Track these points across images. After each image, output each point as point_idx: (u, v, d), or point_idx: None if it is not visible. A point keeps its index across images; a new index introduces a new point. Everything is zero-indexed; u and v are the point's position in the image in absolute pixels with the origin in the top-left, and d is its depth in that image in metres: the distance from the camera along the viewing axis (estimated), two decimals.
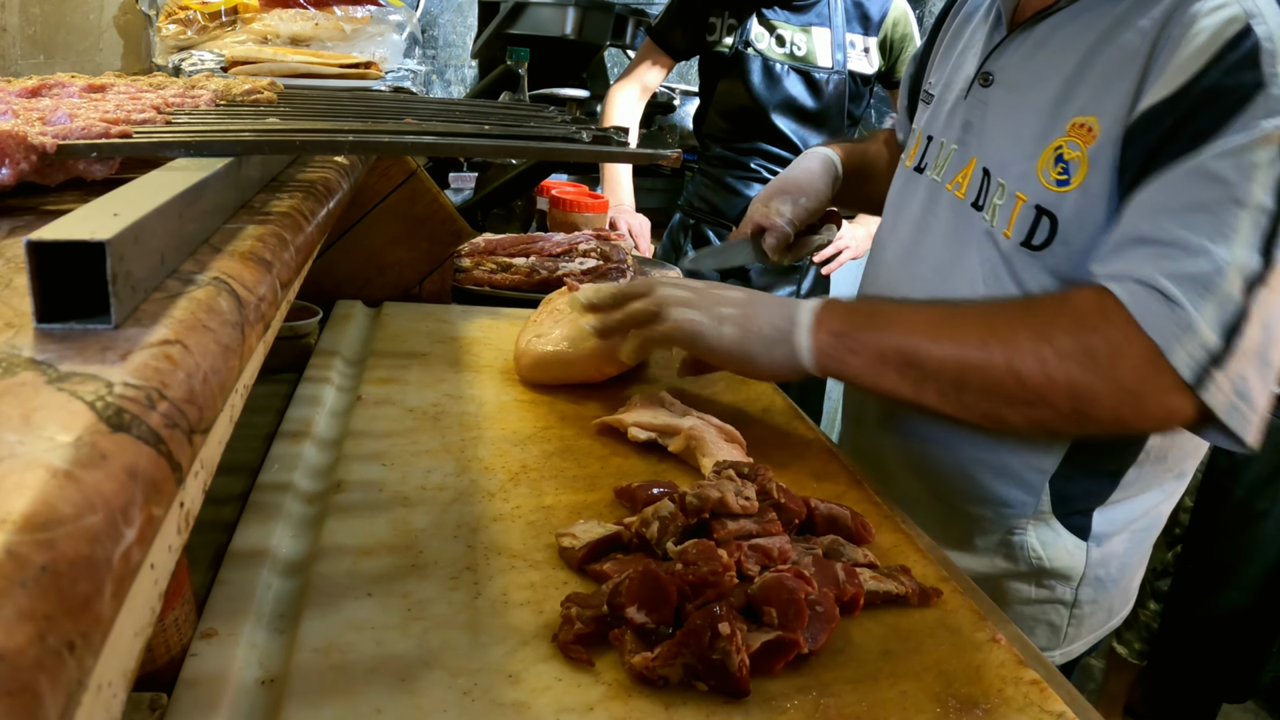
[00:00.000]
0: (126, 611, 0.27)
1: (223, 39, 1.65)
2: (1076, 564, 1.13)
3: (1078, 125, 0.98)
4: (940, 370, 0.91)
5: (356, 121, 0.78)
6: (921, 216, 1.19)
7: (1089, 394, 0.87)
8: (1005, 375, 0.88)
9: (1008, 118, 1.09)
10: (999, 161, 1.07)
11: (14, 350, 0.33)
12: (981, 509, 1.14)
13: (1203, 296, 0.84)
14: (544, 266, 1.66)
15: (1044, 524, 1.12)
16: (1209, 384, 0.85)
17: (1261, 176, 0.86)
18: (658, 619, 0.67)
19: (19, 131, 0.51)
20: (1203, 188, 0.87)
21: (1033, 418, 0.91)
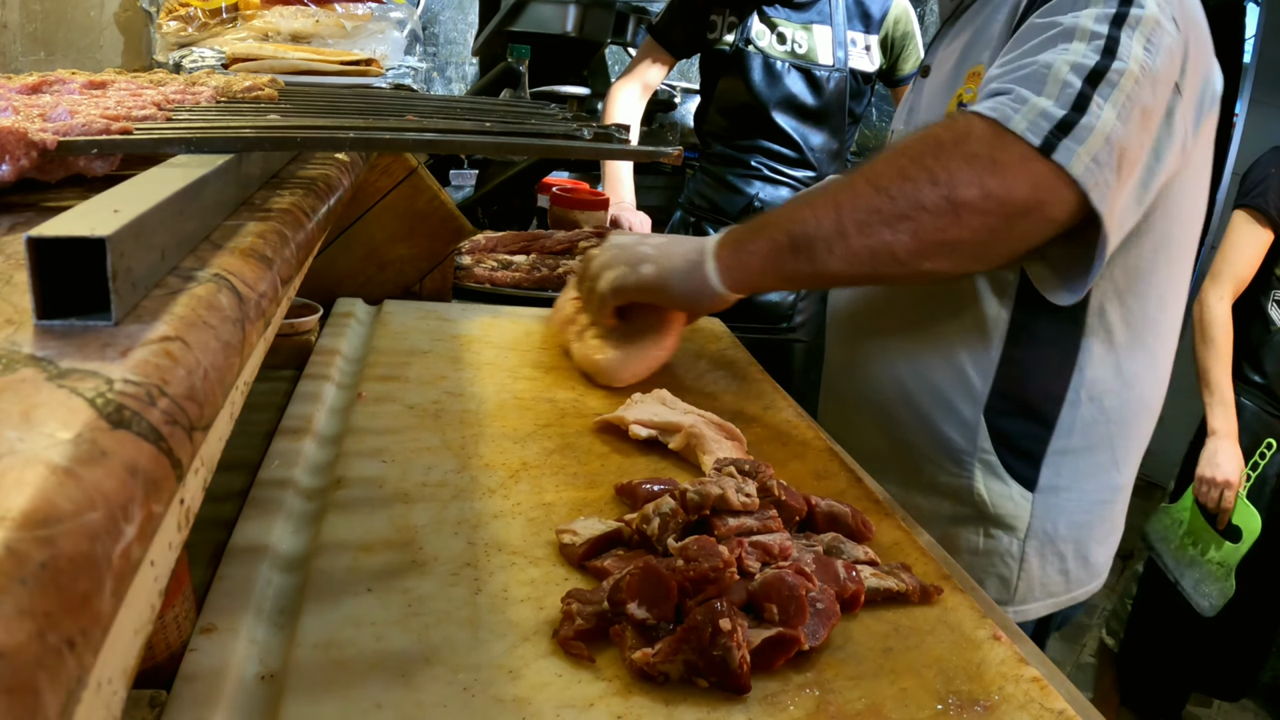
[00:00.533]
0: (126, 609, 0.27)
1: (223, 36, 1.65)
2: (1021, 514, 1.21)
3: (972, 74, 1.16)
4: (820, 228, 0.99)
5: (357, 118, 0.77)
6: None
7: (947, 176, 0.94)
8: (872, 195, 0.96)
9: (933, 95, 1.27)
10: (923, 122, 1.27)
11: (14, 347, 0.33)
12: (926, 441, 1.24)
13: (1039, 84, 0.96)
14: (544, 264, 1.66)
15: (990, 471, 1.20)
16: (1059, 147, 0.93)
17: (1091, 12, 0.99)
18: (658, 615, 0.67)
19: (19, 128, 0.51)
20: (1035, 33, 1.02)
21: (915, 231, 0.97)
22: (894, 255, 0.98)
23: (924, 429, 1.23)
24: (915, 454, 1.25)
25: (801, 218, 1.00)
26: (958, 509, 1.23)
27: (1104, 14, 0.99)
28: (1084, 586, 1.28)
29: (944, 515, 1.24)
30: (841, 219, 0.97)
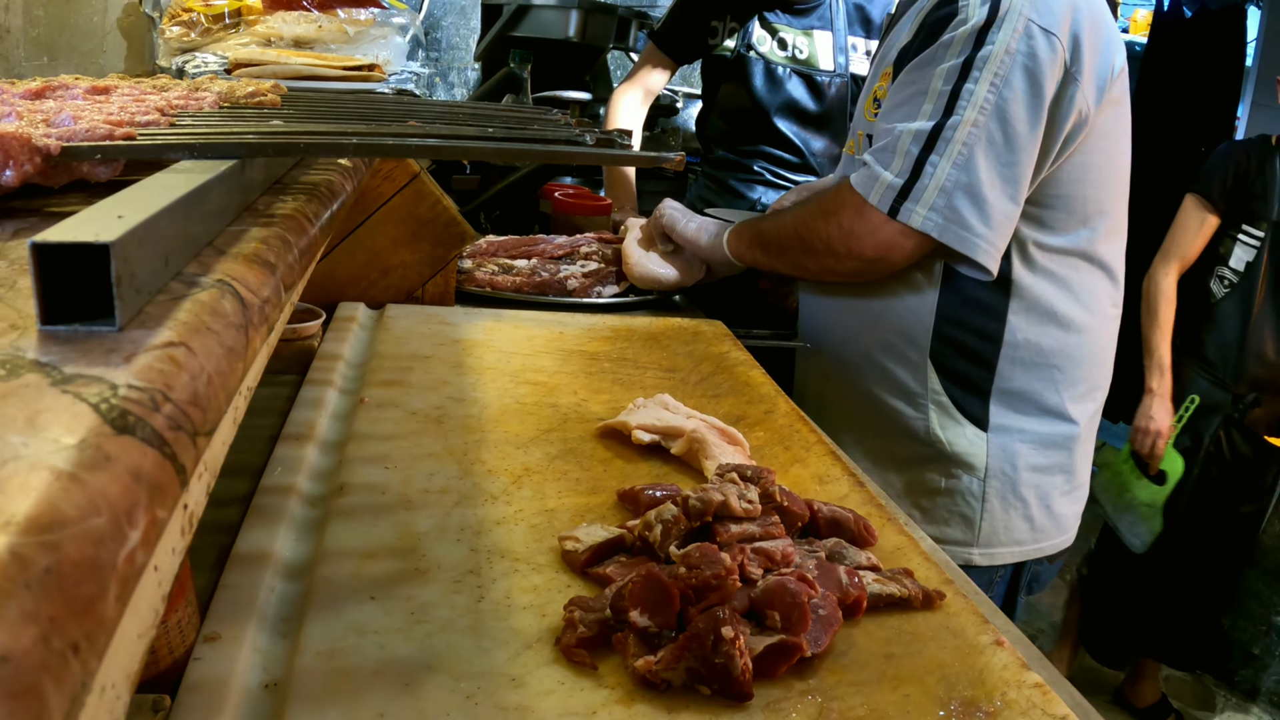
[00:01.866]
0: (130, 614, 0.27)
1: (226, 41, 1.65)
2: (977, 452, 1.37)
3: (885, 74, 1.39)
4: (767, 240, 1.45)
5: (360, 124, 0.78)
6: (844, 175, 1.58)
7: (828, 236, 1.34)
8: (793, 236, 1.40)
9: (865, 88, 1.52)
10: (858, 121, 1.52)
11: (18, 352, 0.33)
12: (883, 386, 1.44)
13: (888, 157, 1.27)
14: (546, 269, 1.66)
15: (944, 411, 1.39)
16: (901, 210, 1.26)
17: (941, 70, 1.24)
18: (661, 623, 0.67)
19: (23, 133, 0.51)
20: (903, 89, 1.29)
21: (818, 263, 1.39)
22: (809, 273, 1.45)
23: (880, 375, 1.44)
24: (876, 400, 1.44)
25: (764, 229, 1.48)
26: (918, 449, 1.40)
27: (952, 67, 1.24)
28: (1051, 539, 1.41)
29: (908, 456, 1.41)
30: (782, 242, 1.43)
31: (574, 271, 1.66)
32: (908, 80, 1.28)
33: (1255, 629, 2.83)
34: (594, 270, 1.67)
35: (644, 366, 1.31)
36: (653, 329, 1.49)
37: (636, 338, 1.43)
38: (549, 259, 1.69)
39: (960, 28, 1.24)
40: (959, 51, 1.24)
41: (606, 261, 1.70)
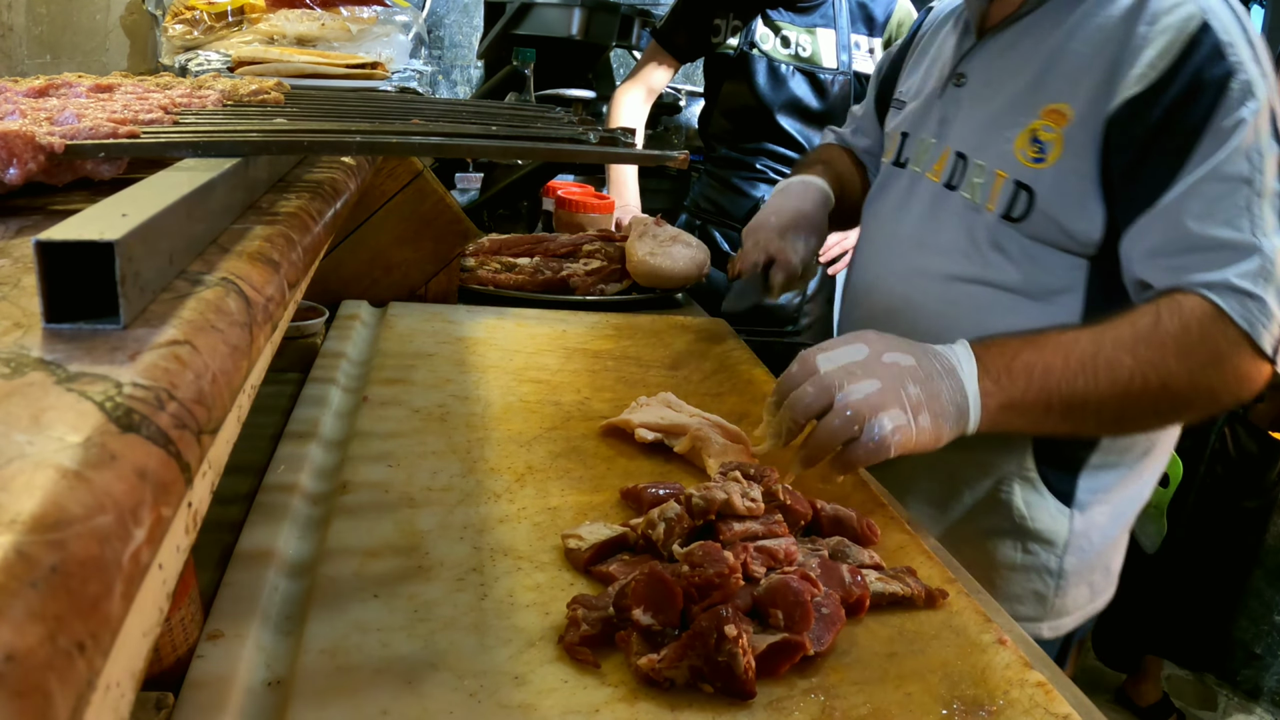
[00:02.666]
0: (135, 612, 0.27)
1: (229, 39, 1.65)
2: (1060, 529, 1.20)
3: (1051, 111, 1.11)
4: (1102, 406, 1.00)
5: (364, 122, 0.77)
6: (901, 200, 1.31)
7: (1221, 387, 1.01)
8: (1161, 394, 0.99)
9: (981, 110, 1.21)
10: (974, 145, 1.20)
11: (23, 350, 0.33)
12: (973, 469, 1.21)
13: (1267, 284, 0.99)
14: (548, 267, 1.66)
15: (1030, 485, 1.19)
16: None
17: (1267, 165, 1.01)
18: (664, 621, 0.67)
19: (27, 131, 0.51)
20: (1229, 190, 1.00)
21: (1177, 418, 1.14)
22: (1147, 430, 1.17)
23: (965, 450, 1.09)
24: (952, 473, 1.21)
25: (1085, 394, 0.99)
26: (995, 522, 1.21)
27: (1271, 156, 1.01)
28: (1104, 595, 1.28)
29: (980, 529, 1.21)
30: (1126, 407, 1.01)
31: (577, 269, 1.66)
32: (1221, 175, 1.01)
33: (1257, 628, 2.83)
34: (597, 268, 1.67)
35: (647, 364, 1.31)
36: (656, 327, 1.49)
37: (639, 336, 1.43)
38: (552, 257, 1.69)
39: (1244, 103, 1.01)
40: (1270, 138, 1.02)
41: (609, 259, 1.70)
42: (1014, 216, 1.13)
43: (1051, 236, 1.11)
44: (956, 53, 1.29)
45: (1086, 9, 1.11)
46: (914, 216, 1.27)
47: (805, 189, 1.46)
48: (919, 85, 1.37)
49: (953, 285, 1.19)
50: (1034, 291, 1.13)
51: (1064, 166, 1.09)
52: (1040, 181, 1.10)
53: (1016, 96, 1.15)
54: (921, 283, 1.23)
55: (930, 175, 1.26)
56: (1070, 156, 1.09)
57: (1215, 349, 0.99)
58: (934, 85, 1.32)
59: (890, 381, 0.93)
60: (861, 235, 1.44)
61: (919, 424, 0.93)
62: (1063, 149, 1.09)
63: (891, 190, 1.35)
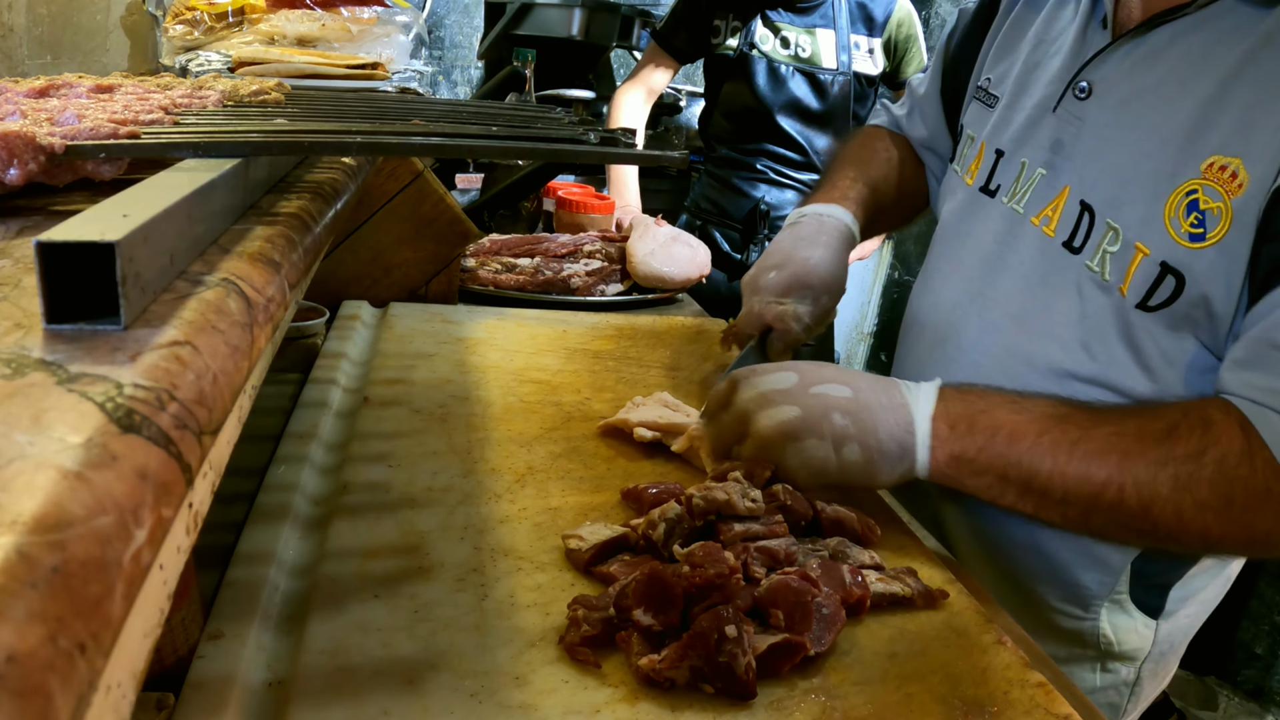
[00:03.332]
0: (136, 612, 0.27)
1: (229, 39, 1.65)
2: (1144, 644, 1.04)
3: (1217, 167, 0.84)
4: (1067, 498, 0.83)
5: (364, 122, 0.78)
6: (997, 251, 1.04)
7: (1219, 538, 0.82)
8: (1139, 515, 0.82)
9: (1115, 142, 0.94)
10: (1106, 197, 0.93)
11: (23, 351, 0.33)
12: (1053, 589, 1.03)
13: None
14: (549, 267, 1.66)
15: (1118, 607, 1.02)
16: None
17: None
18: (664, 621, 0.67)
19: (27, 132, 0.51)
20: None
21: (1161, 546, 0.90)
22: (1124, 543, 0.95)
23: (1055, 578, 1.02)
24: (1036, 600, 1.05)
25: (1050, 476, 0.83)
26: (1075, 650, 1.05)
27: None
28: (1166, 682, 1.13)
29: (1058, 657, 1.02)
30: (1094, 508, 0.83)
31: (577, 270, 1.66)
32: None
33: (1258, 629, 2.83)
34: (597, 269, 1.67)
35: (647, 365, 1.31)
36: (656, 327, 1.49)
37: (640, 336, 1.43)
38: (552, 257, 1.69)
39: None
40: None
41: (610, 260, 1.70)
42: (1151, 305, 0.88)
43: (1196, 333, 0.88)
44: (1079, 50, 1.00)
45: (1273, 26, 0.83)
46: (1016, 278, 1.01)
47: (820, 229, 1.17)
48: (1018, 79, 1.08)
49: (1063, 383, 0.96)
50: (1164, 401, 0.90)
51: (1227, 248, 0.83)
52: (1194, 266, 0.85)
53: (1170, 136, 0.88)
54: (1019, 370, 0.99)
55: (1039, 223, 1.00)
56: (1237, 235, 0.82)
57: (1226, 495, 0.79)
58: (1044, 91, 1.03)
59: (812, 410, 0.87)
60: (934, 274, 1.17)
61: (843, 455, 0.86)
62: (1230, 225, 0.82)
63: (980, 228, 1.08)
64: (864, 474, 0.87)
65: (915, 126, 1.35)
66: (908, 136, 1.37)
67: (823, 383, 0.89)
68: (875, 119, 1.44)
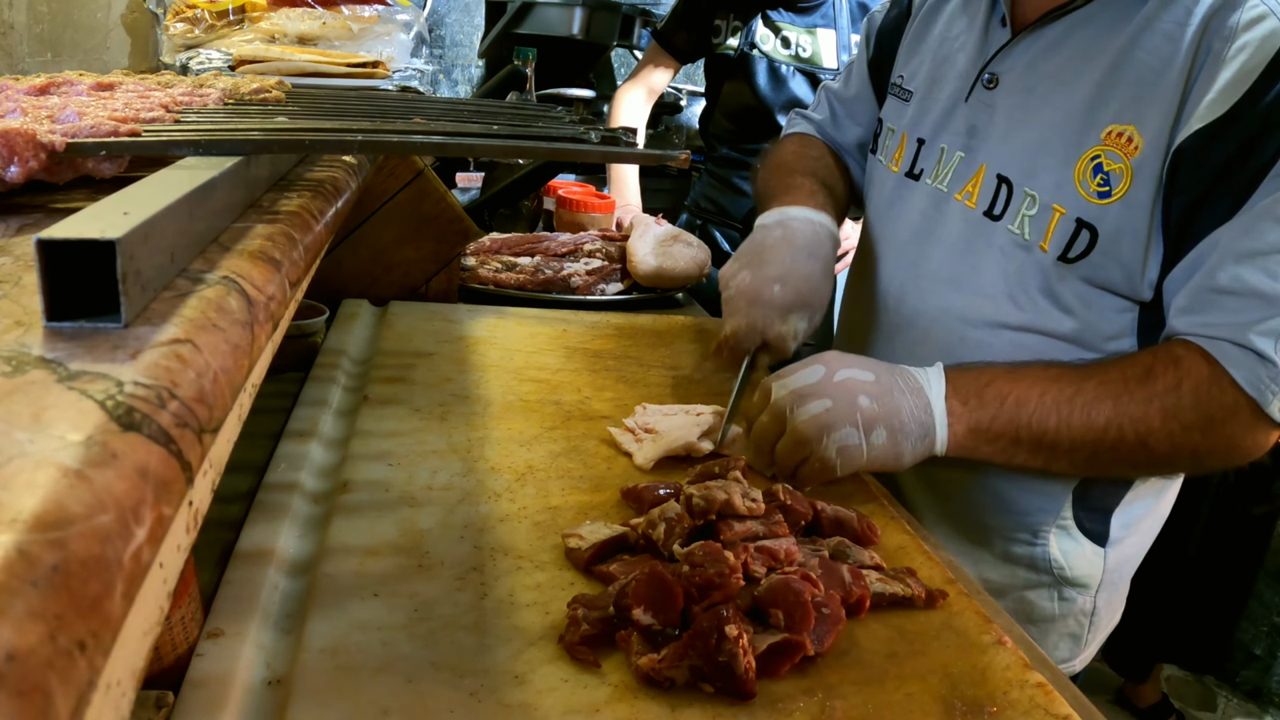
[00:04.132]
0: (136, 611, 0.27)
1: (230, 38, 1.65)
2: (1095, 572, 1.13)
3: (1115, 134, 0.97)
4: (1074, 448, 0.95)
5: (365, 121, 0.77)
6: (924, 226, 1.15)
7: (1207, 453, 0.95)
8: (1137, 448, 0.94)
9: (1024, 123, 1.05)
10: (1021, 169, 1.05)
11: (23, 348, 0.33)
12: (1002, 520, 1.13)
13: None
14: (549, 266, 1.66)
15: (1065, 532, 1.12)
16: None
17: None
18: (664, 621, 0.67)
19: (28, 129, 0.51)
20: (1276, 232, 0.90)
21: (1154, 472, 1.06)
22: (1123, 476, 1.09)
23: (1004, 509, 1.12)
24: (989, 530, 1.14)
25: (1057, 432, 0.94)
26: (1031, 576, 1.14)
27: None
28: (1119, 614, 1.23)
29: (1017, 584, 1.14)
30: (1098, 451, 0.95)
31: (578, 269, 1.66)
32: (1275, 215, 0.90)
33: (1257, 629, 2.83)
34: (597, 268, 1.67)
35: (647, 364, 1.31)
36: (656, 327, 1.49)
37: (640, 335, 1.43)
38: (552, 256, 1.69)
39: None
40: None
41: (610, 259, 1.70)
42: (1070, 257, 1.01)
43: (1109, 279, 1.00)
44: (983, 46, 1.12)
45: (1151, 11, 0.97)
46: (945, 248, 1.12)
47: (815, 238, 1.17)
48: (929, 75, 1.20)
49: (1000, 333, 1.07)
50: (1088, 340, 1.04)
51: (1130, 202, 0.96)
52: (1105, 219, 0.98)
53: (1071, 112, 1.01)
54: (957, 327, 1.11)
55: (961, 198, 1.11)
56: (1138, 190, 0.96)
57: (1206, 414, 0.92)
58: (955, 84, 1.15)
59: (842, 398, 0.94)
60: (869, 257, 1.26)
61: (871, 440, 0.93)
62: (1131, 182, 0.96)
63: (908, 208, 1.18)
64: (890, 455, 0.94)
65: (847, 130, 1.41)
66: (835, 141, 1.43)
67: (846, 368, 0.96)
68: (795, 128, 1.49)
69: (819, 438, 0.93)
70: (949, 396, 0.96)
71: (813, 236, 1.17)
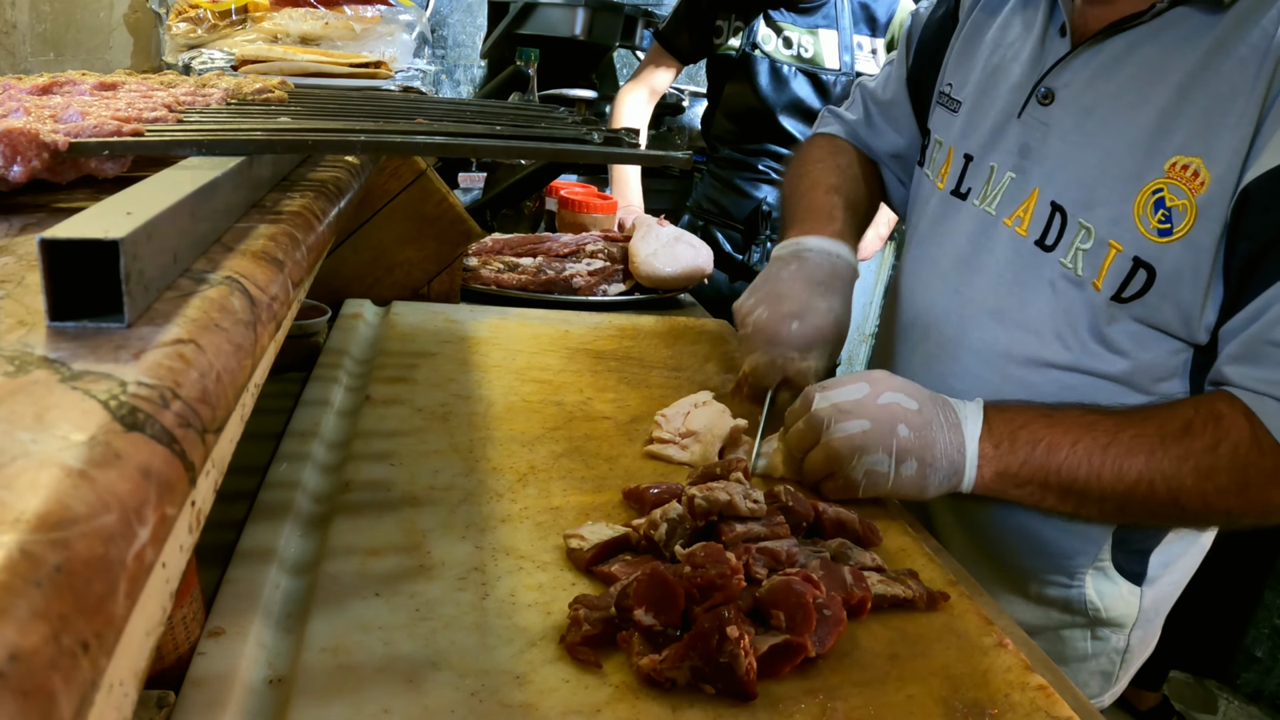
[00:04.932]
0: (139, 611, 0.27)
1: (233, 38, 1.65)
2: (1131, 611, 1.10)
3: (1179, 167, 0.90)
4: (1104, 498, 0.92)
5: (368, 121, 0.77)
6: (971, 252, 1.10)
7: (1240, 514, 0.91)
8: (1168, 505, 0.90)
9: (1081, 146, 0.99)
10: (1077, 199, 0.99)
11: (27, 348, 0.33)
12: (1038, 561, 1.09)
13: None
14: (551, 267, 1.66)
15: (1102, 574, 1.08)
16: None
17: None
18: (665, 621, 0.67)
19: (31, 129, 0.51)
20: None
21: (1187, 525, 1.03)
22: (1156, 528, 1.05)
23: (1040, 550, 1.09)
24: (1024, 571, 1.11)
25: (1087, 481, 0.91)
26: (1065, 618, 1.11)
27: None
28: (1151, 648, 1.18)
29: (1050, 625, 1.11)
30: (1128, 504, 0.92)
31: (580, 270, 1.66)
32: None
33: (1259, 632, 2.83)
34: (600, 268, 1.67)
35: (649, 365, 1.31)
36: (658, 327, 1.49)
37: (642, 336, 1.43)
38: (554, 257, 1.69)
39: None
40: None
41: (612, 260, 1.70)
42: (1125, 298, 0.95)
43: (1164, 321, 0.95)
44: (1040, 58, 1.05)
45: (1224, 33, 0.89)
46: (990, 277, 1.07)
47: (833, 273, 1.15)
48: (979, 85, 1.13)
49: (1041, 371, 1.03)
50: (1138, 382, 0.99)
51: (1193, 242, 0.90)
52: (1164, 259, 0.92)
53: (1134, 139, 0.94)
54: (999, 363, 1.06)
55: (1011, 223, 1.05)
56: (1202, 230, 0.89)
57: (1243, 479, 0.87)
58: (1008, 98, 1.07)
59: (881, 423, 0.92)
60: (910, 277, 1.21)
61: (901, 471, 0.91)
62: (1195, 220, 0.89)
63: (953, 230, 1.13)
64: (914, 488, 0.93)
65: (881, 138, 1.36)
66: (868, 145, 1.38)
67: (892, 391, 0.94)
68: (826, 127, 1.44)
69: (850, 458, 0.91)
70: (983, 438, 0.93)
71: (830, 270, 1.15)
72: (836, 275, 1.15)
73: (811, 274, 1.14)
